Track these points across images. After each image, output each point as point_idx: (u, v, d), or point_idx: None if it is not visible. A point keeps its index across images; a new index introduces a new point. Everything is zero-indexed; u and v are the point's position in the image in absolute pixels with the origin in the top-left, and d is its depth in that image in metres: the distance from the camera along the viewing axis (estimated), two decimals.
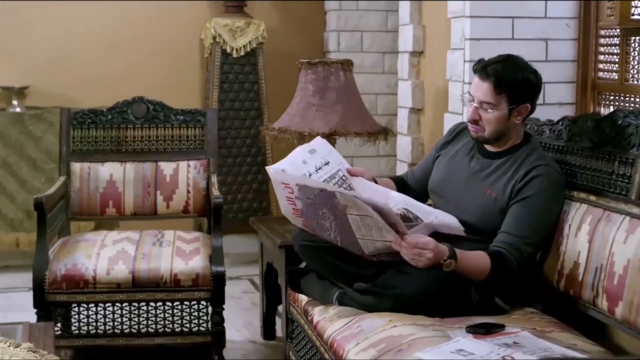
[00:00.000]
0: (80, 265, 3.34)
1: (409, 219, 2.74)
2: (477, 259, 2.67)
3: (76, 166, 3.87)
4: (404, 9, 4.26)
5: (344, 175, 2.87)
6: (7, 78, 5.21)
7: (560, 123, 2.95)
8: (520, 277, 2.79)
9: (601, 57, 3.58)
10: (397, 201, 2.79)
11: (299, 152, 2.86)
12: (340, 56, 5.44)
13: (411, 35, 4.18)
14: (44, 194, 3.41)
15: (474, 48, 3.53)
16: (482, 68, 2.81)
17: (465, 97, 2.94)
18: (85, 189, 3.86)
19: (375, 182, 3.00)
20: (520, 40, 3.58)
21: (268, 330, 4.03)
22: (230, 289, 4.82)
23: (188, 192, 3.91)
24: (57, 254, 3.45)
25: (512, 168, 2.81)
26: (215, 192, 3.68)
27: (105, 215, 3.90)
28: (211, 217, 3.66)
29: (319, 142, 2.93)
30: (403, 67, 4.30)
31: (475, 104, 2.82)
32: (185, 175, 3.92)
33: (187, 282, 3.37)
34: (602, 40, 3.56)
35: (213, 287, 3.40)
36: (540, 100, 3.55)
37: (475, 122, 2.83)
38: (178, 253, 3.46)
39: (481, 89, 2.80)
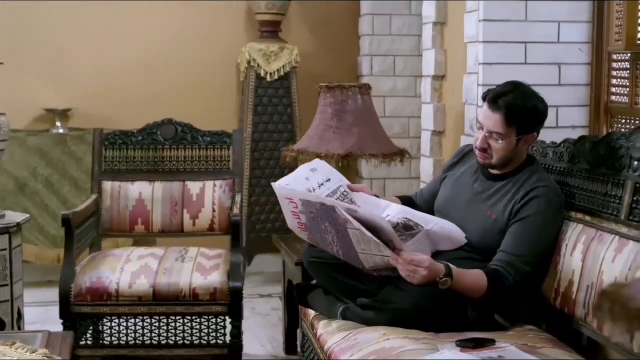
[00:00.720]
0: (105, 278, 3.51)
1: (410, 227, 2.83)
2: (474, 277, 2.75)
3: (107, 185, 4.05)
4: (427, 34, 4.37)
5: (345, 191, 2.97)
6: (51, 101, 5.45)
7: (562, 145, 3.02)
8: (519, 295, 2.87)
9: (613, 81, 3.63)
10: (398, 211, 2.88)
11: (302, 170, 2.98)
12: (373, 80, 5.58)
13: (433, 59, 4.29)
14: (71, 211, 3.59)
15: (487, 72, 3.62)
16: (493, 99, 2.87)
17: (474, 124, 3.03)
18: (115, 207, 4.03)
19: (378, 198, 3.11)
20: (533, 65, 3.66)
21: (290, 346, 4.14)
22: (260, 306, 5.00)
23: (214, 210, 4.05)
24: (84, 268, 3.62)
25: (513, 190, 2.89)
26: (235, 210, 3.82)
27: (135, 232, 4.07)
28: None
29: (318, 162, 3.05)
30: (426, 90, 4.40)
31: (485, 133, 2.90)
32: (212, 194, 4.07)
33: (206, 296, 3.51)
34: (614, 65, 3.62)
35: (230, 302, 3.53)
36: (553, 124, 3.67)
37: (484, 150, 2.91)
38: (198, 268, 3.61)
39: (491, 119, 2.87)
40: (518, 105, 2.85)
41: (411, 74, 5.56)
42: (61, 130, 5.34)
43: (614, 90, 3.64)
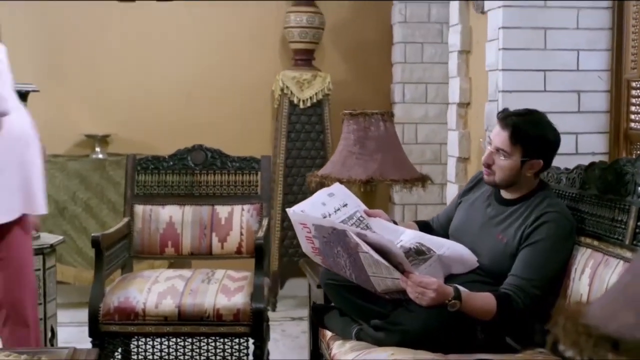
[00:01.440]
0: (132, 298, 3.63)
1: (422, 252, 2.89)
2: (483, 300, 2.81)
3: (139, 208, 4.19)
4: (452, 62, 4.45)
5: (361, 216, 3.06)
6: (91, 127, 5.63)
7: (574, 171, 3.07)
8: (529, 319, 2.92)
9: (632, 108, 3.67)
10: (411, 237, 2.95)
11: (319, 195, 3.08)
12: (405, 107, 5.69)
13: (458, 87, 4.36)
14: (101, 233, 3.72)
15: (506, 100, 3.69)
16: (504, 117, 2.98)
17: (486, 141, 3.11)
18: (146, 230, 4.16)
19: (395, 223, 3.19)
20: (552, 92, 3.72)
21: None
22: (290, 328, 5.09)
23: (241, 234, 4.16)
24: (113, 288, 3.74)
25: (524, 214, 2.95)
26: (260, 233, 3.91)
27: (165, 254, 4.19)
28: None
29: (337, 187, 3.14)
30: (452, 117, 4.48)
31: (492, 149, 2.99)
32: (239, 218, 4.17)
33: (229, 316, 3.60)
34: (633, 92, 3.67)
35: (253, 323, 3.62)
36: (573, 150, 3.71)
37: (488, 166, 3.00)
38: (223, 290, 3.71)
39: (500, 136, 2.96)
40: (526, 127, 2.93)
41: (442, 101, 5.63)
42: (100, 156, 5.51)
43: (632, 117, 3.68)
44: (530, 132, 2.93)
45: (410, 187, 3.90)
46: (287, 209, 2.99)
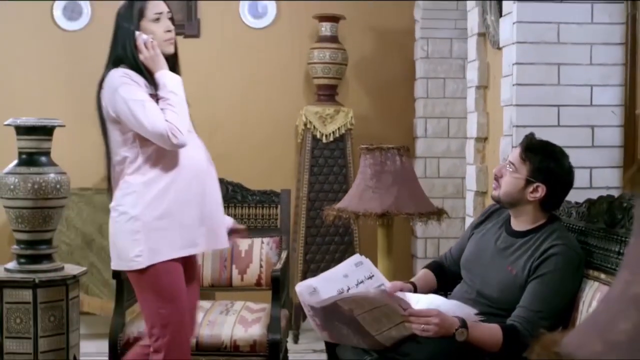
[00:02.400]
0: None
1: None
2: (490, 331, 2.85)
3: None
4: (470, 97, 4.51)
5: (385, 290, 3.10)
6: None
7: (583, 205, 3.11)
8: None
9: None
10: (426, 304, 2.97)
11: (344, 265, 3.15)
12: (428, 142, 5.75)
13: (476, 122, 4.42)
14: None
15: (520, 135, 3.72)
16: (525, 137, 3.14)
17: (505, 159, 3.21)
18: None
19: (415, 286, 3.26)
20: (566, 127, 3.75)
21: None
22: None
23: (261, 266, 4.23)
24: (133, 318, 3.83)
25: (533, 247, 2.99)
26: (278, 265, 3.98)
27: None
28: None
29: (365, 259, 3.19)
30: (469, 152, 4.53)
31: (505, 162, 3.11)
32: (259, 251, 4.25)
33: (246, 347, 3.67)
34: None
35: (269, 354, 3.67)
36: (587, 184, 3.74)
37: (497, 178, 3.11)
38: (240, 321, 3.77)
39: (514, 151, 3.12)
40: (539, 149, 3.05)
41: (464, 135, 5.66)
42: None
43: None
44: (541, 155, 3.03)
45: (426, 221, 3.95)
46: (296, 286, 3.07)
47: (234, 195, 4.35)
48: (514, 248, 3.06)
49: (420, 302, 3.00)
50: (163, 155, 3.11)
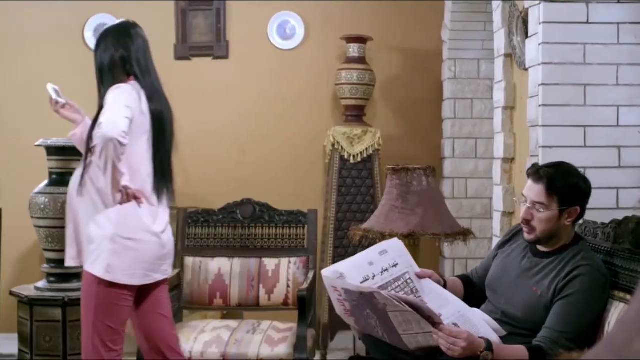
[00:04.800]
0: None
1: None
2: (515, 352, 2.84)
3: (189, 260, 4.31)
4: (497, 117, 4.52)
5: (409, 278, 3.09)
6: None
7: (609, 226, 3.10)
8: None
9: None
10: (451, 313, 2.97)
11: (368, 253, 3.14)
12: (455, 162, 5.75)
13: (502, 142, 4.42)
14: None
15: (546, 155, 3.73)
16: (536, 171, 3.07)
17: (519, 199, 3.17)
18: (196, 281, 4.28)
19: (445, 282, 3.25)
20: (592, 147, 3.75)
21: None
22: None
23: (288, 286, 4.25)
24: None
25: (558, 267, 2.99)
26: (305, 285, 4.00)
27: (213, 305, 4.30)
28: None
29: (393, 243, 3.18)
30: (496, 172, 4.53)
31: (528, 205, 3.05)
32: (286, 270, 4.28)
33: None
34: None
35: None
36: (614, 205, 3.73)
37: (527, 222, 3.05)
38: (267, 340, 3.80)
39: (534, 190, 3.03)
40: (560, 177, 3.02)
41: (492, 156, 5.66)
42: None
43: None
44: (564, 182, 3.02)
45: (452, 241, 3.95)
46: (322, 271, 3.07)
47: (261, 215, 4.38)
48: (538, 268, 3.06)
49: (448, 305, 3.00)
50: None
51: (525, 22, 4.03)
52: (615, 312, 2.84)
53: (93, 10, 5.95)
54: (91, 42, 5.95)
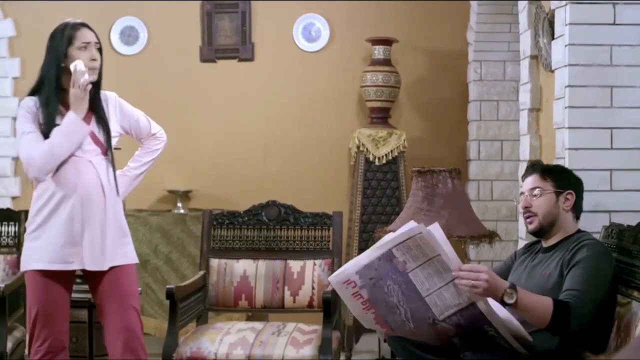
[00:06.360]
0: (204, 349, 3.75)
1: None
2: (541, 302, 2.85)
3: (214, 262, 4.33)
4: (523, 119, 4.50)
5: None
6: (173, 183, 5.84)
7: (636, 228, 3.08)
8: (576, 347, 2.95)
9: None
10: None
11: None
12: (481, 164, 5.74)
13: (528, 144, 4.40)
14: (175, 285, 3.87)
15: (573, 157, 3.71)
16: (527, 168, 3.34)
17: (516, 199, 3.25)
18: (221, 283, 4.29)
19: None
20: (619, 149, 3.72)
21: None
22: None
23: (313, 288, 4.25)
24: (186, 339, 3.87)
25: (563, 250, 3.10)
26: (330, 287, 3.99)
27: (238, 307, 4.31)
28: None
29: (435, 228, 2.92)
30: (522, 174, 4.50)
31: (526, 194, 3.23)
32: (311, 272, 4.27)
33: None
34: None
35: None
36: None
37: (527, 210, 3.19)
38: (292, 342, 3.80)
39: (528, 181, 3.26)
40: (550, 166, 3.33)
41: (518, 158, 5.64)
42: (182, 211, 5.70)
43: None
44: (555, 167, 3.31)
45: (477, 244, 3.94)
46: (329, 278, 3.05)
47: (286, 217, 4.38)
48: (545, 258, 3.17)
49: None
50: (51, 177, 3.39)
51: (551, 24, 4.01)
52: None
53: (119, 12, 5.99)
54: (118, 44, 5.99)
